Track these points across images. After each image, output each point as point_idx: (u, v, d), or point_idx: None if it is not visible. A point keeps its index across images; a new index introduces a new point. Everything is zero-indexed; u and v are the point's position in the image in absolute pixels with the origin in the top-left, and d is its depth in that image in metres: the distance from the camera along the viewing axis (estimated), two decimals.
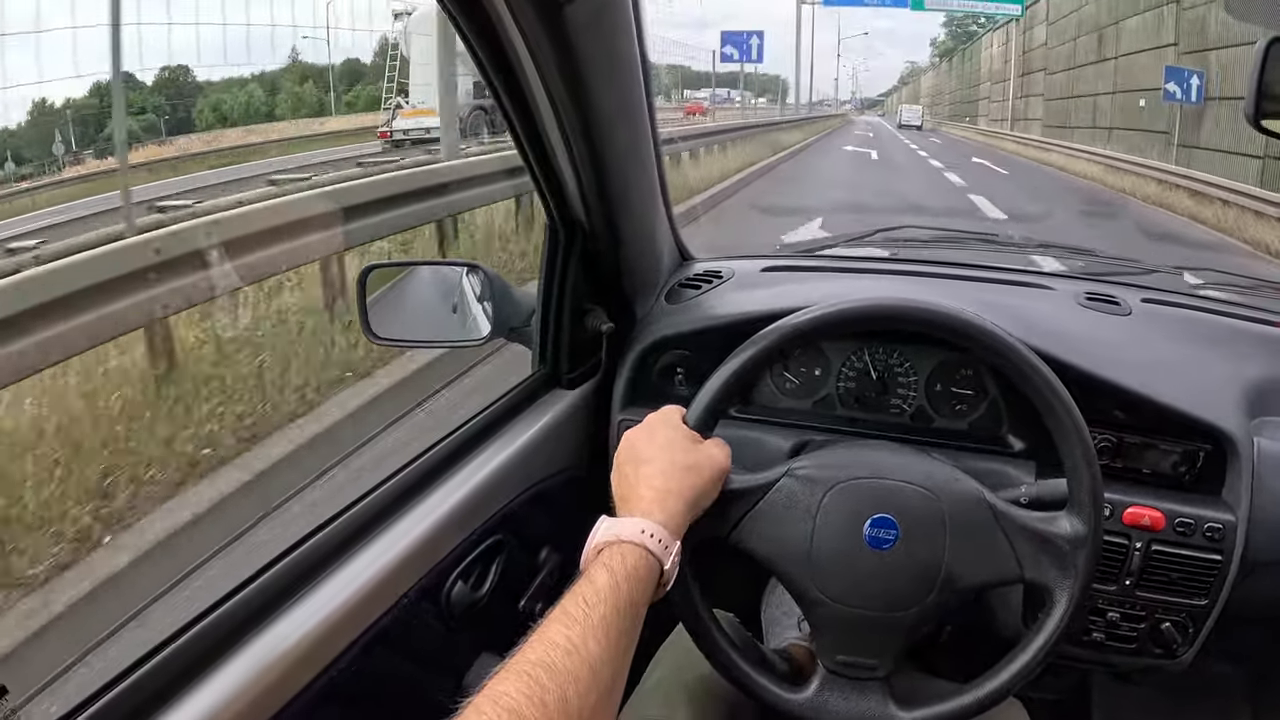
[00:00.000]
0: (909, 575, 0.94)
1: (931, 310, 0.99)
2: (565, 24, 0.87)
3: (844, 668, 0.97)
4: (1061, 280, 1.55)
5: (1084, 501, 0.94)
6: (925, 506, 0.94)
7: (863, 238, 1.70)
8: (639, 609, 0.78)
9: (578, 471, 1.33)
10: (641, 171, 1.21)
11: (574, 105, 0.99)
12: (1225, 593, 1.18)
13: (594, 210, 1.19)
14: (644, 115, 1.14)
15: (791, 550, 0.95)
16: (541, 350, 1.30)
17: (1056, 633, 0.93)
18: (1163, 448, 1.24)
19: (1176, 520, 1.17)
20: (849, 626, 0.95)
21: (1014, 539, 0.94)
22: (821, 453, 1.04)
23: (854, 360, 1.34)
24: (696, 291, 1.44)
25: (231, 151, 12.11)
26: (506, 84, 0.97)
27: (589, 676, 0.68)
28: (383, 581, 0.95)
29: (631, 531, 0.81)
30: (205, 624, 0.82)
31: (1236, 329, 1.43)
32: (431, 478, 1.10)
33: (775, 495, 0.97)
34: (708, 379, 0.99)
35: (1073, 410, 0.95)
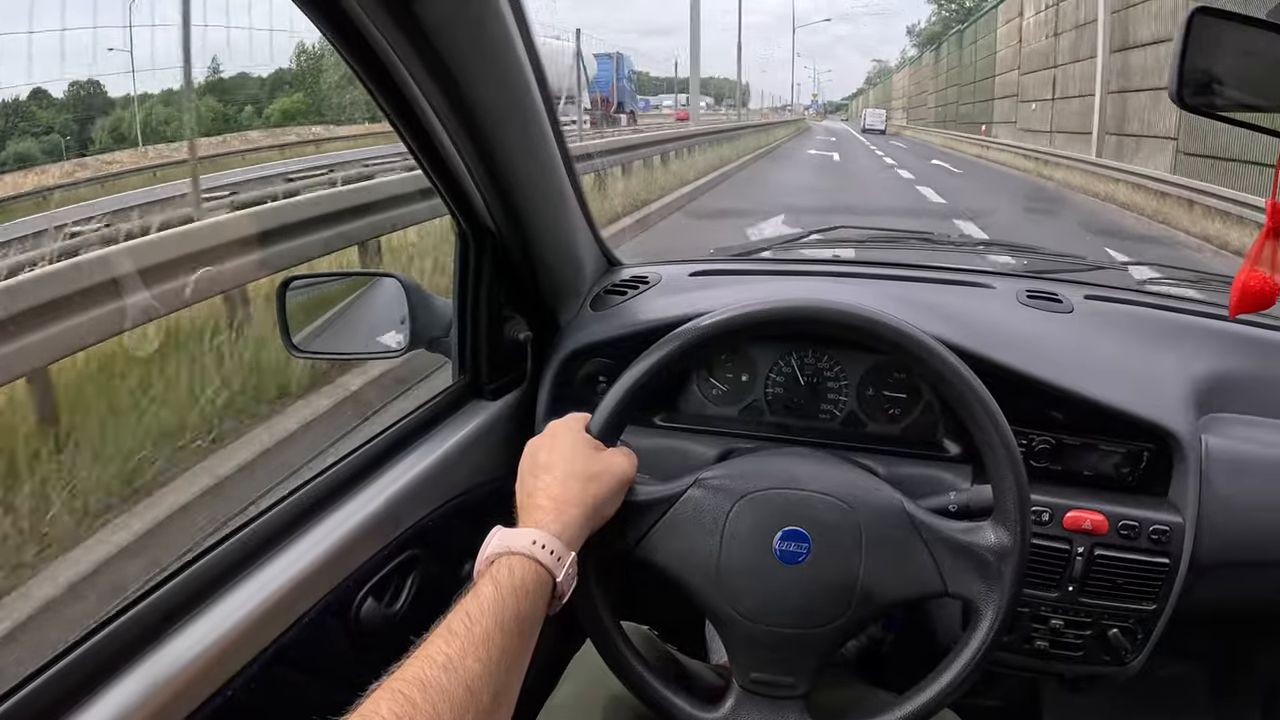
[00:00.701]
0: (823, 591, 0.90)
1: (839, 310, 0.95)
2: (419, 23, 0.84)
3: (760, 686, 0.93)
4: (1002, 279, 1.53)
5: (1009, 510, 0.91)
6: (839, 518, 0.91)
7: (796, 239, 1.68)
8: (528, 624, 0.76)
9: (501, 484, 1.30)
10: (545, 175, 1.19)
11: (451, 109, 0.97)
12: (1175, 596, 1.16)
13: (499, 217, 1.17)
14: (539, 115, 1.11)
15: (699, 565, 0.92)
16: (461, 360, 1.28)
17: (984, 647, 0.90)
18: (1104, 448, 1.21)
19: (1120, 523, 1.14)
20: (763, 644, 0.92)
21: (936, 551, 0.91)
22: (733, 462, 1.00)
23: (781, 365, 1.32)
24: (622, 298, 1.42)
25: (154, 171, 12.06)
26: (383, 90, 0.95)
27: (465, 695, 0.67)
28: (284, 598, 0.92)
29: (522, 543, 0.79)
30: (91, 644, 0.79)
31: (1183, 324, 1.41)
32: (340, 492, 1.07)
33: (682, 507, 0.93)
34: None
35: (995, 413, 0.92)
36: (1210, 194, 10.35)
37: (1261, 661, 1.65)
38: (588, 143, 12.98)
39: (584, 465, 0.88)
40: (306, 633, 0.95)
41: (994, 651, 0.91)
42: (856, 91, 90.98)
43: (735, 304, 0.97)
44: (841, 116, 77.28)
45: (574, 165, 1.25)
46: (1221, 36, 0.93)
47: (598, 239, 1.46)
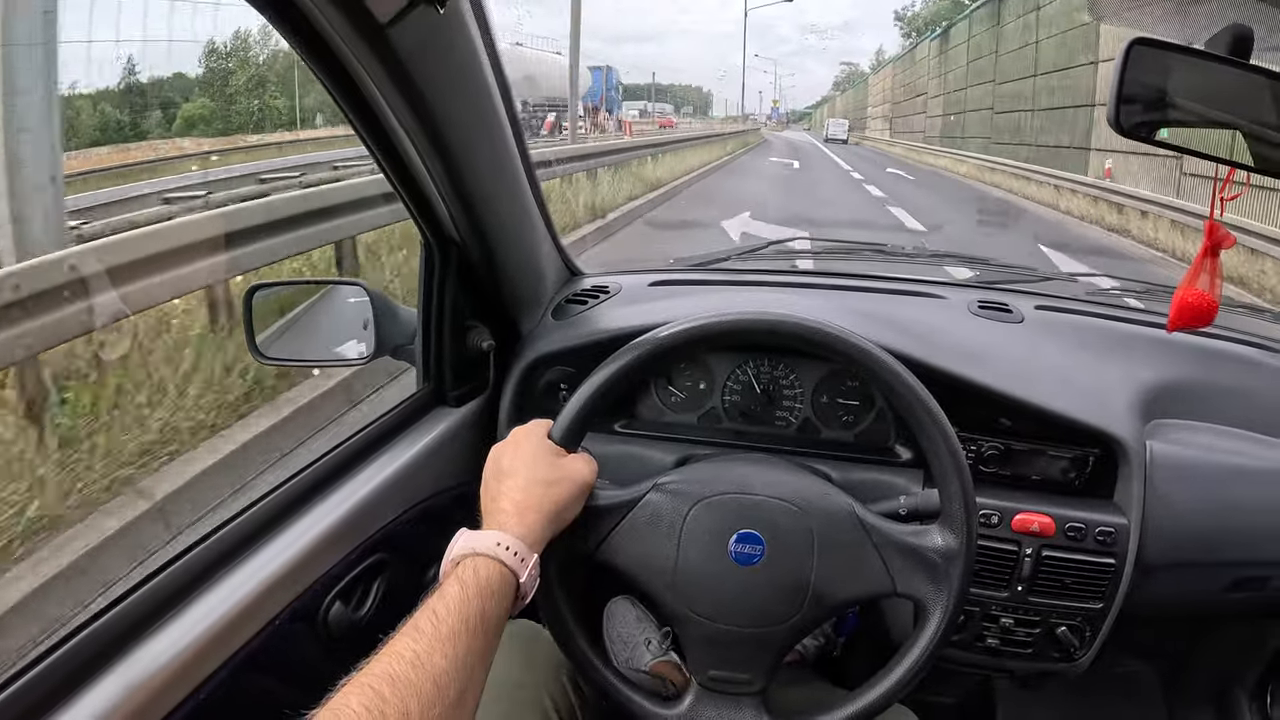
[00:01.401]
0: (777, 591, 0.93)
1: (795, 324, 0.98)
2: (391, 46, 0.86)
3: (716, 683, 0.96)
4: (954, 289, 1.57)
5: (955, 514, 0.94)
6: (792, 522, 0.94)
7: (754, 250, 1.71)
8: (492, 622, 0.78)
9: (466, 489, 1.32)
10: (509, 188, 1.21)
11: (419, 126, 0.99)
12: (1121, 595, 1.20)
13: (463, 228, 1.18)
14: (504, 132, 1.13)
15: (656, 567, 0.95)
16: (425, 368, 1.30)
17: (932, 644, 0.94)
18: (1051, 454, 1.26)
19: (1067, 525, 1.19)
20: (719, 642, 0.95)
21: (885, 553, 0.94)
22: (690, 468, 1.03)
23: (738, 373, 1.35)
24: (583, 307, 1.45)
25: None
26: (352, 103, 0.96)
27: (433, 690, 0.69)
28: (252, 603, 0.93)
29: (486, 544, 0.81)
30: (60, 653, 0.81)
31: (1130, 334, 1.45)
32: (306, 497, 1.09)
33: (640, 511, 0.96)
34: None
35: (941, 421, 0.95)
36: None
37: (1209, 658, 1.70)
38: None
39: (545, 471, 0.90)
40: (277, 636, 0.97)
41: (943, 648, 0.94)
42: (821, 100, 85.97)
43: (693, 315, 1.00)
44: (804, 126, 75.98)
45: (537, 177, 1.27)
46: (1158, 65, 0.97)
47: (559, 249, 1.48)
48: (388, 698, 0.66)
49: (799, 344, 0.99)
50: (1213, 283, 1.07)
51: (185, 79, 16.88)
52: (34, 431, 3.14)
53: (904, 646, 0.96)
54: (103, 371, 3.59)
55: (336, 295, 1.34)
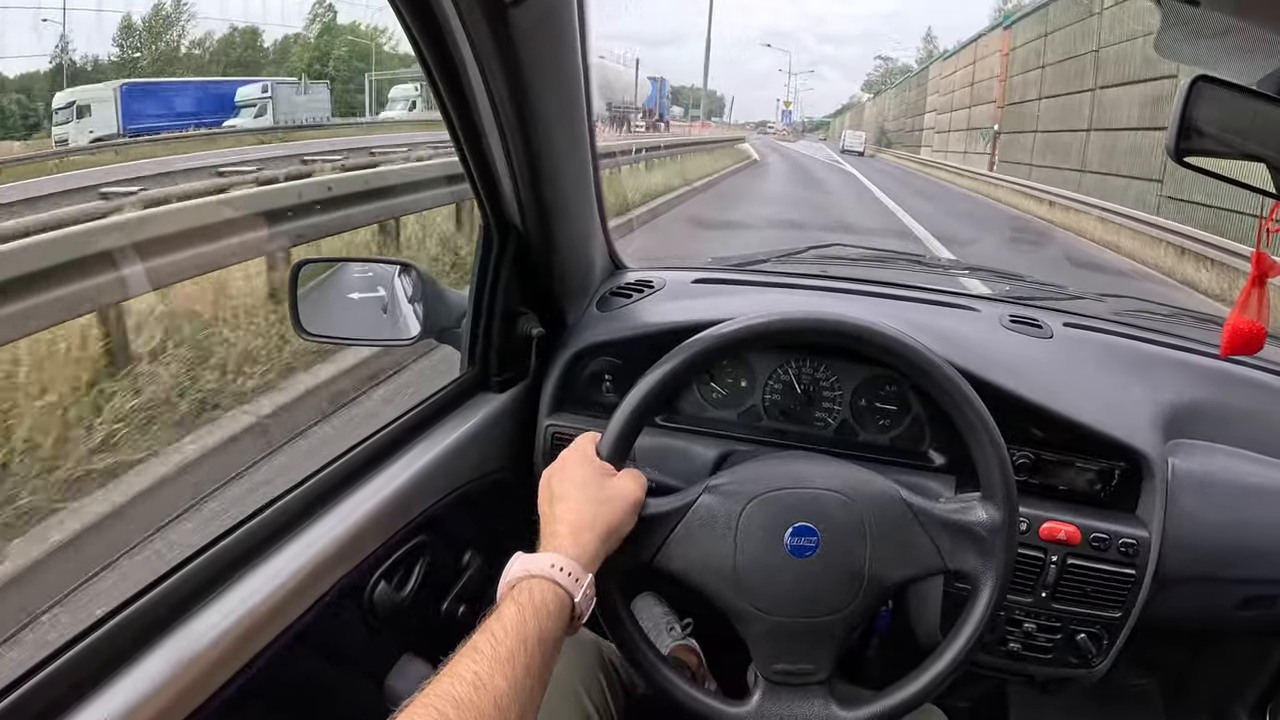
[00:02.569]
0: (834, 579, 0.94)
1: (836, 321, 1.00)
2: (511, 26, 0.87)
3: (783, 676, 0.97)
4: (986, 303, 1.59)
5: (996, 488, 0.96)
6: (843, 511, 0.95)
7: (793, 254, 1.72)
8: (549, 643, 0.79)
9: (504, 475, 1.32)
10: (578, 177, 1.22)
11: (514, 107, 1.00)
12: (1138, 606, 1.23)
13: (529, 214, 1.19)
14: (583, 121, 1.14)
15: (715, 567, 0.95)
16: (471, 352, 1.30)
17: (986, 615, 0.95)
18: (1079, 465, 1.28)
19: (1092, 535, 1.21)
20: (783, 636, 0.96)
21: (933, 533, 0.95)
22: (737, 468, 1.04)
23: (780, 373, 1.36)
24: (627, 300, 1.45)
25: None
26: (448, 82, 0.97)
27: (493, 712, 0.70)
28: (303, 580, 0.94)
29: (541, 566, 0.82)
30: (117, 620, 0.81)
31: (1155, 355, 1.48)
32: (354, 478, 1.09)
33: (693, 515, 0.97)
34: (619, 404, 0.99)
35: (981, 411, 0.97)
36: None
37: (1212, 673, 1.73)
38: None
39: (595, 491, 0.91)
40: (325, 614, 0.97)
41: (994, 618, 0.95)
42: (841, 108, 77.68)
43: (742, 313, 1.00)
44: (820, 136, 71.08)
45: (599, 168, 1.28)
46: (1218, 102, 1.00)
47: (609, 241, 1.49)
48: (452, 718, 0.67)
49: (851, 344, 1.00)
50: (1260, 310, 1.10)
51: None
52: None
53: (959, 620, 0.97)
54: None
55: (383, 275, 1.34)
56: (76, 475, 3.01)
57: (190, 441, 3.29)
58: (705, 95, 67.14)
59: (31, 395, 3.24)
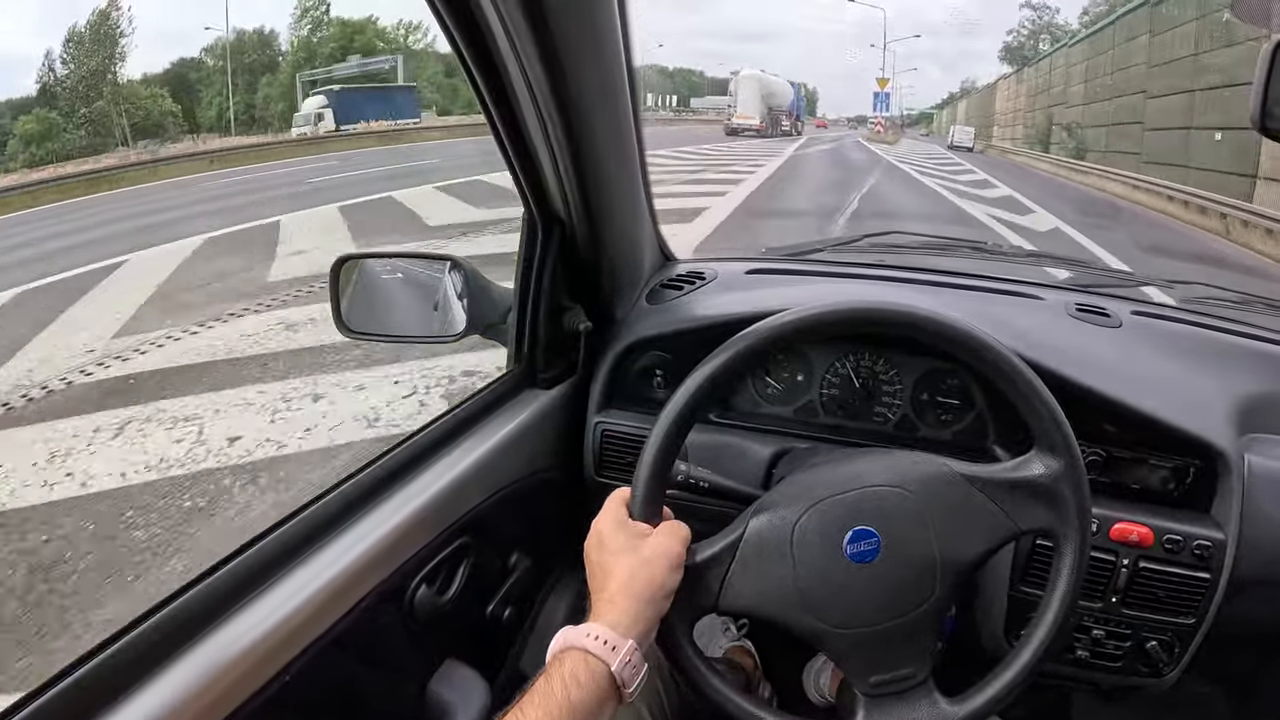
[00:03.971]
0: (906, 577, 0.89)
1: (884, 309, 0.95)
2: (543, 5, 0.84)
3: (880, 687, 0.92)
4: (1051, 290, 1.53)
5: (1050, 434, 0.90)
6: (898, 504, 0.90)
7: (849, 242, 1.67)
8: (583, 712, 0.78)
9: (551, 474, 1.30)
10: (623, 166, 1.18)
11: (552, 91, 0.96)
12: (1212, 612, 1.17)
13: (574, 206, 1.16)
14: (626, 107, 1.10)
15: (779, 594, 0.91)
16: (517, 349, 1.27)
17: (1077, 571, 0.90)
18: (1152, 463, 1.22)
19: (1165, 537, 1.15)
20: (868, 646, 0.91)
21: (996, 498, 0.90)
22: (780, 486, 0.98)
23: (838, 366, 1.31)
24: (678, 292, 1.42)
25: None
26: (483, 69, 0.94)
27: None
28: (343, 583, 0.92)
29: (577, 636, 0.81)
30: (156, 620, 0.79)
31: (1227, 344, 1.41)
32: (396, 477, 1.07)
33: (745, 548, 0.92)
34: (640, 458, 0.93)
35: (1035, 381, 0.91)
36: None
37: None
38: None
39: (632, 555, 0.88)
40: (365, 617, 0.95)
41: (1084, 578, 0.90)
42: (948, 98, 67.38)
43: (795, 304, 0.95)
44: (923, 130, 64.04)
45: (646, 159, 1.24)
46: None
47: (658, 233, 1.46)
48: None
49: (908, 332, 0.95)
50: None
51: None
52: None
53: (1049, 584, 0.91)
54: None
55: (428, 269, 1.31)
56: None
57: None
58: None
59: None
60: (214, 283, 7.26)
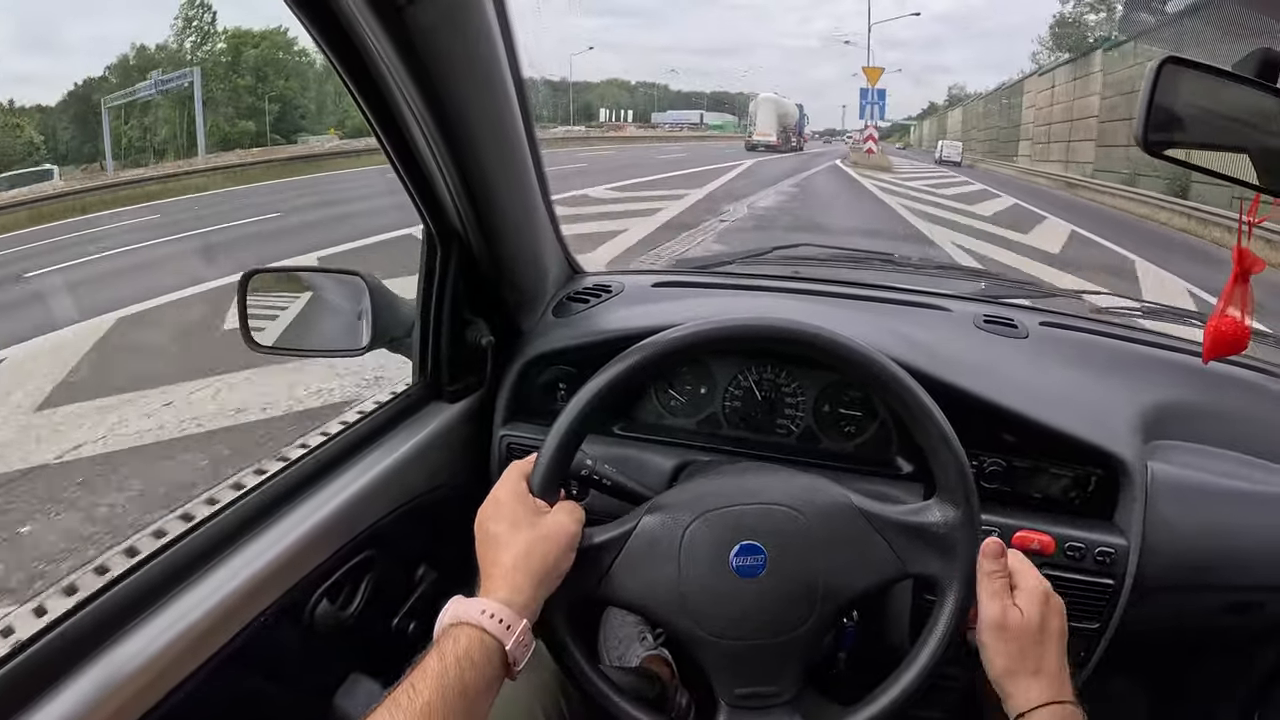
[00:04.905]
0: (787, 598, 0.90)
1: (789, 328, 0.96)
2: (408, 27, 0.84)
3: (744, 700, 0.93)
4: (959, 302, 1.55)
5: (951, 484, 0.92)
6: (790, 525, 0.91)
7: (759, 255, 1.68)
8: (474, 692, 0.77)
9: (457, 487, 1.30)
10: (518, 182, 1.18)
11: (431, 112, 0.96)
12: (1118, 616, 1.19)
13: (468, 221, 1.16)
14: (515, 125, 1.11)
15: (661, 594, 0.92)
16: (421, 362, 1.27)
17: (953, 620, 0.91)
18: (1054, 472, 1.24)
19: (1067, 544, 1.17)
20: (738, 659, 0.92)
21: (890, 538, 0.92)
22: (679, 487, 1.00)
23: (740, 379, 1.32)
24: (585, 306, 1.42)
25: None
26: (362, 89, 0.94)
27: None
28: (241, 597, 0.92)
29: (471, 612, 0.81)
30: (46, 640, 0.79)
31: (1135, 353, 1.44)
32: (297, 491, 1.07)
33: (635, 542, 0.93)
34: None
35: (931, 409, 0.93)
36: None
37: (1199, 680, 1.69)
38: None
39: (529, 531, 0.88)
40: (263, 632, 0.95)
41: (962, 623, 0.92)
42: (927, 110, 62.87)
43: (700, 318, 0.96)
44: (897, 144, 61.85)
45: (545, 172, 1.25)
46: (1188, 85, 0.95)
47: (563, 246, 1.46)
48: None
49: (809, 352, 0.97)
50: (1244, 309, 1.05)
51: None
52: None
53: (926, 629, 0.93)
54: None
55: (334, 284, 1.31)
56: None
57: None
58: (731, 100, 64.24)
59: None
60: None
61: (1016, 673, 0.89)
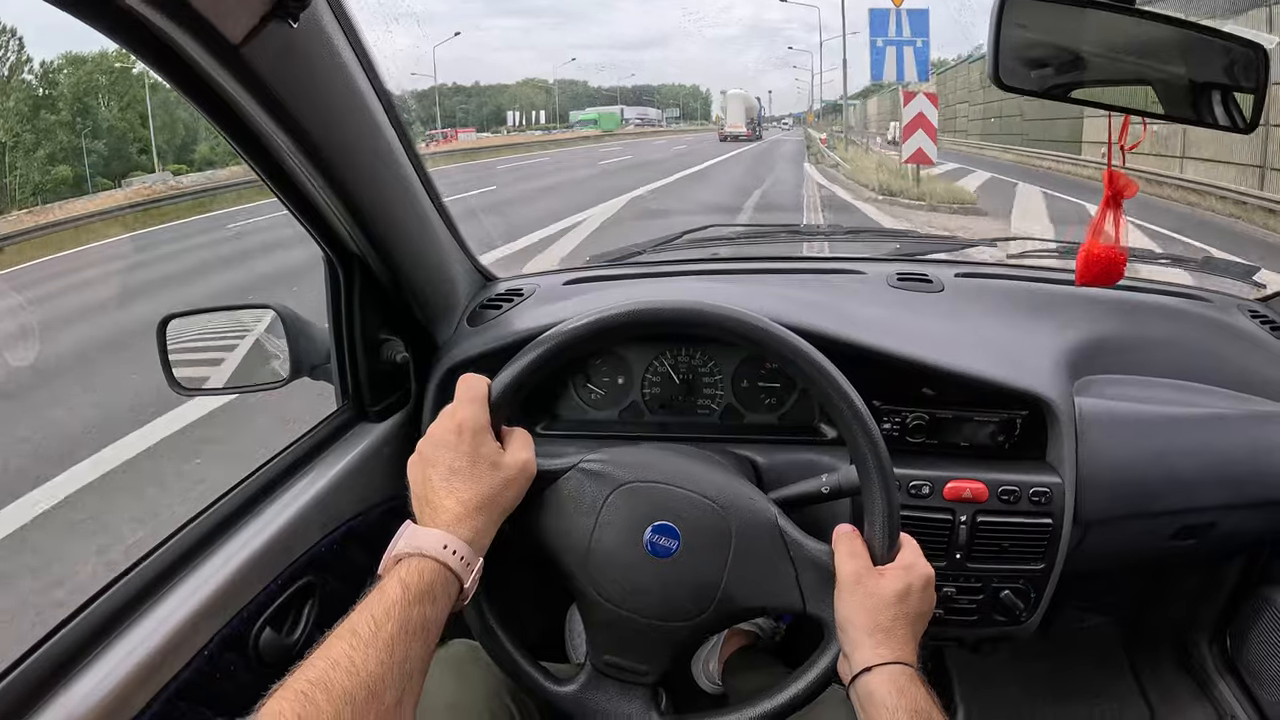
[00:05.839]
0: (686, 588, 0.92)
1: (682, 309, 0.96)
2: (247, 65, 0.84)
3: (611, 668, 0.95)
4: (872, 264, 1.58)
5: (877, 534, 0.91)
6: (711, 521, 0.93)
7: (668, 241, 1.70)
8: (433, 626, 0.77)
9: (394, 504, 1.31)
10: (400, 197, 1.19)
11: (295, 141, 0.96)
12: (1062, 554, 1.21)
13: (361, 241, 1.17)
14: (387, 141, 1.11)
15: (572, 545, 0.94)
16: (342, 386, 1.28)
17: (828, 669, 0.91)
18: (977, 419, 1.26)
19: (1000, 489, 1.19)
20: (620, 629, 0.94)
21: (800, 569, 0.92)
22: (618, 450, 1.01)
23: (656, 365, 1.34)
24: (498, 311, 1.44)
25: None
26: (222, 124, 0.93)
27: (367, 698, 0.68)
28: (180, 634, 0.92)
29: (432, 546, 0.79)
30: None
31: (1053, 294, 1.47)
32: (228, 524, 1.07)
33: (563, 486, 0.95)
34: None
35: (842, 386, 0.92)
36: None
37: (1166, 606, 1.72)
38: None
39: (492, 475, 0.86)
40: (206, 666, 0.95)
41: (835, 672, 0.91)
42: (870, 88, 58.57)
43: (601, 309, 0.97)
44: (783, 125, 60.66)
45: (435, 186, 1.26)
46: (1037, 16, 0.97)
47: (469, 256, 1.47)
48: (321, 706, 0.65)
49: (694, 330, 0.97)
50: (1117, 233, 1.07)
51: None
52: None
53: (803, 666, 0.93)
54: None
55: (248, 319, 1.32)
56: None
57: None
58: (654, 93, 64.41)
59: None
60: None
61: (861, 627, 0.85)
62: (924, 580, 0.89)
